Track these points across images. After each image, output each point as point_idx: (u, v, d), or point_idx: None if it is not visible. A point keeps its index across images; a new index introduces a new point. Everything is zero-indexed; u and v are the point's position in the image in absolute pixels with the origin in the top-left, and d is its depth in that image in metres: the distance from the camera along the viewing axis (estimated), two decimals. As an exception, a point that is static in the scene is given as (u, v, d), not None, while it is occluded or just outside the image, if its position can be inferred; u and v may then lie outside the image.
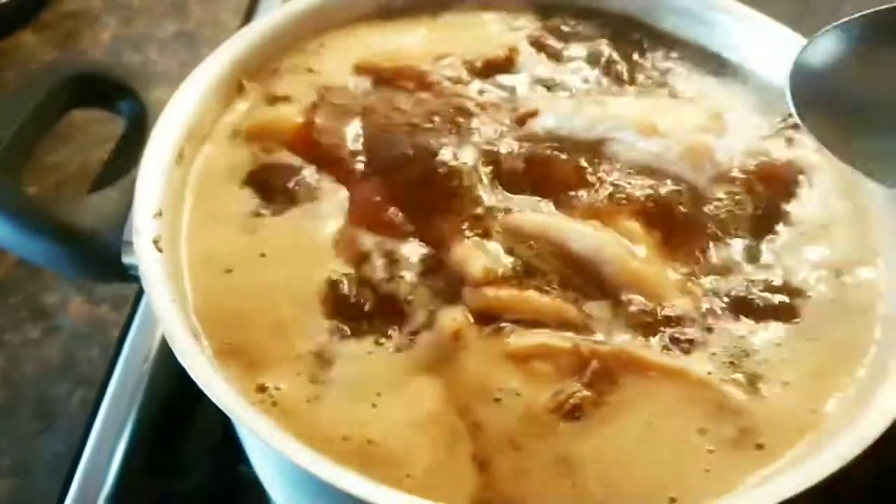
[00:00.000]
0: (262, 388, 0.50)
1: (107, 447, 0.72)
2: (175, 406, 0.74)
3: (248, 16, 1.10)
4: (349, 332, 0.52)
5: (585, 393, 0.50)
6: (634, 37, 0.72)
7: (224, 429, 0.71)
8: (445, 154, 0.59)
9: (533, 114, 0.63)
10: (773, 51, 0.68)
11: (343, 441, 0.47)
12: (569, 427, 0.49)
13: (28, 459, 0.73)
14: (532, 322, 0.53)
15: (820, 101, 0.55)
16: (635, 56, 0.71)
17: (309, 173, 0.60)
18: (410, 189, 0.59)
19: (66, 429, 0.74)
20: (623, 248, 0.55)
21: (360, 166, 0.61)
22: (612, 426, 0.49)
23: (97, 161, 0.92)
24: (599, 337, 0.52)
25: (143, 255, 0.50)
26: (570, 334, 0.52)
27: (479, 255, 0.55)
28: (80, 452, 0.71)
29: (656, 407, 0.50)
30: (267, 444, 0.43)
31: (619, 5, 0.73)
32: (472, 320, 0.52)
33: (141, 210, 0.53)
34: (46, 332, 0.80)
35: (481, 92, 0.66)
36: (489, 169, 0.59)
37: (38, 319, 0.81)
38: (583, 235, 0.55)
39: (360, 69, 0.67)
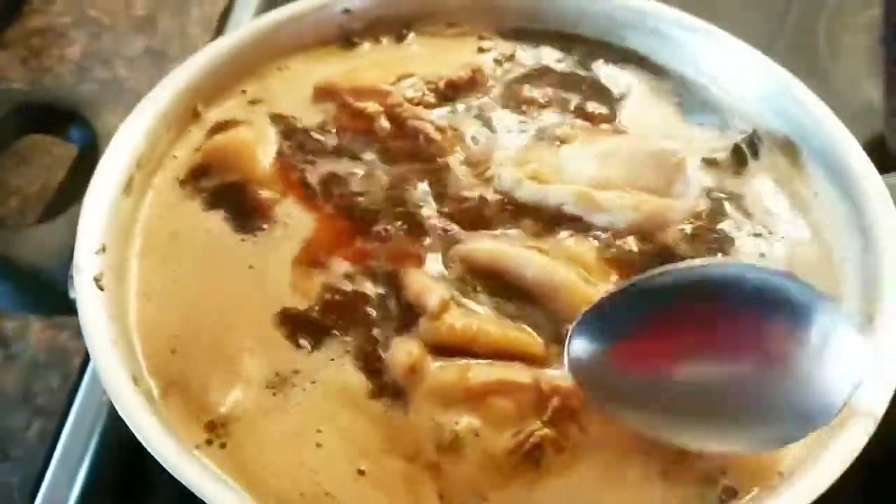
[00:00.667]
0: (210, 427, 0.49)
1: (65, 479, 0.69)
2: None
3: (219, 30, 1.08)
4: (297, 368, 0.51)
5: (546, 432, 0.48)
6: (597, 61, 0.71)
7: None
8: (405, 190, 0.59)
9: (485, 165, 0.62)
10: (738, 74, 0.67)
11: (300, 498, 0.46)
12: (529, 474, 0.47)
13: (-19, 491, 0.71)
14: (492, 354, 0.51)
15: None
16: (597, 81, 0.69)
17: (269, 198, 0.59)
18: (368, 220, 0.57)
19: (23, 460, 0.72)
20: (575, 273, 0.54)
21: (318, 196, 0.59)
22: (573, 473, 0.48)
23: (59, 183, 0.90)
24: (559, 372, 0.50)
25: (83, 295, 0.49)
26: (530, 369, 0.50)
27: (434, 287, 0.53)
28: (38, 485, 0.70)
29: (617, 448, 0.48)
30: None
31: (584, 28, 0.72)
32: (426, 353, 0.51)
33: (83, 246, 0.51)
34: (4, 360, 0.78)
35: (438, 127, 0.64)
36: (446, 209, 0.58)
37: (-4, 347, 0.79)
38: (533, 262, 0.54)
39: (320, 91, 0.65)
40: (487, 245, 0.56)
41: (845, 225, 0.58)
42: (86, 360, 0.77)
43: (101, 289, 0.50)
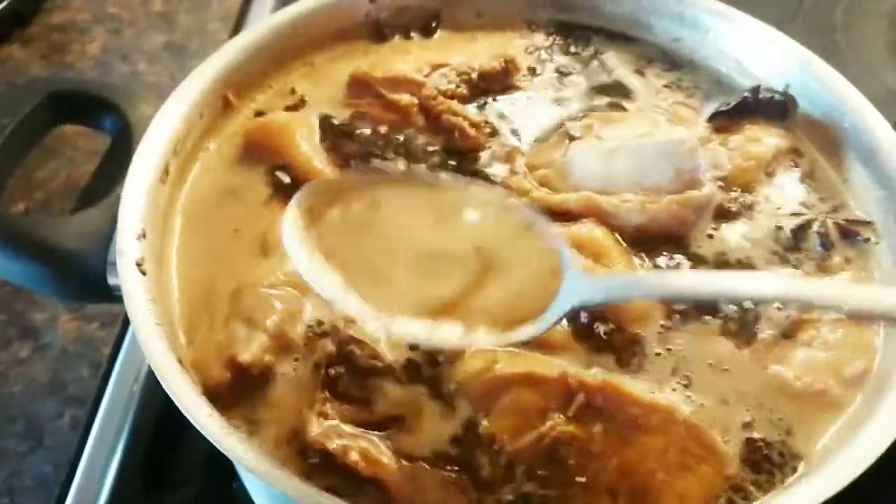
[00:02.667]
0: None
1: (99, 466, 0.71)
2: (167, 423, 0.73)
3: (237, 25, 1.09)
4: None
5: (569, 428, 0.48)
6: (621, 50, 0.71)
7: (216, 444, 0.70)
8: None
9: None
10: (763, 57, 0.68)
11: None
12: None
13: (16, 480, 0.71)
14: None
15: None
16: (619, 70, 0.70)
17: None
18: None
19: (55, 449, 0.73)
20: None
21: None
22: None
23: (85, 175, 0.91)
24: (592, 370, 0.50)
25: (126, 279, 0.49)
26: (558, 360, 0.50)
27: None
28: (73, 473, 0.70)
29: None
30: (255, 475, 0.42)
31: (612, 16, 0.72)
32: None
33: (124, 231, 0.51)
34: (34, 351, 0.79)
35: (473, 123, 0.64)
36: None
37: (26, 337, 0.80)
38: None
39: (354, 81, 0.66)
40: None
41: (878, 208, 0.58)
42: (115, 349, 0.78)
43: (144, 273, 0.50)
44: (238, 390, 0.49)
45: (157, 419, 0.73)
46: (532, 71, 0.69)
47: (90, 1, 1.12)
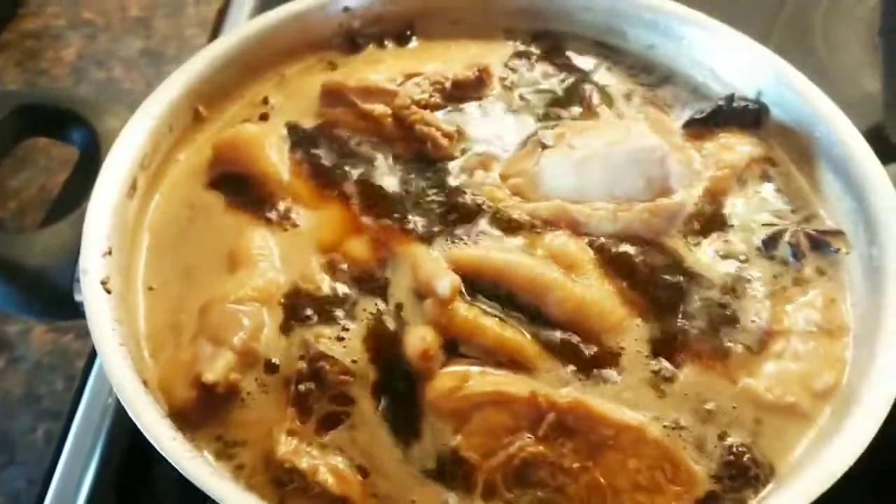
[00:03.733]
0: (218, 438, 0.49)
1: (73, 481, 0.69)
2: (142, 437, 0.72)
3: (215, 31, 1.08)
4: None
5: (537, 448, 0.47)
6: (597, 59, 0.71)
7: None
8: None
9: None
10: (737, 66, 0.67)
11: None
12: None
13: (-10, 495, 0.71)
14: (486, 351, 0.51)
15: None
16: (593, 78, 0.69)
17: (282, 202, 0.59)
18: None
19: (28, 464, 0.72)
20: (563, 274, 0.54)
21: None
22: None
23: (59, 185, 0.90)
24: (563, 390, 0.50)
25: (90, 298, 0.49)
26: (529, 381, 0.50)
27: (446, 273, 0.53)
28: (46, 488, 0.69)
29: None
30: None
31: (587, 25, 0.72)
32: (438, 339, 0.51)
33: (88, 249, 0.51)
34: (8, 364, 0.78)
35: (445, 133, 0.63)
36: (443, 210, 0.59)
37: (-1, 350, 0.79)
38: (521, 266, 0.54)
39: (326, 91, 0.65)
40: (476, 251, 0.55)
41: (849, 219, 0.58)
42: (90, 361, 0.77)
43: (109, 291, 0.50)
44: (206, 409, 0.48)
45: (132, 433, 0.73)
46: (505, 79, 0.68)
47: (65, 6, 1.11)
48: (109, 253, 0.52)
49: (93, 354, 0.78)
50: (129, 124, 0.58)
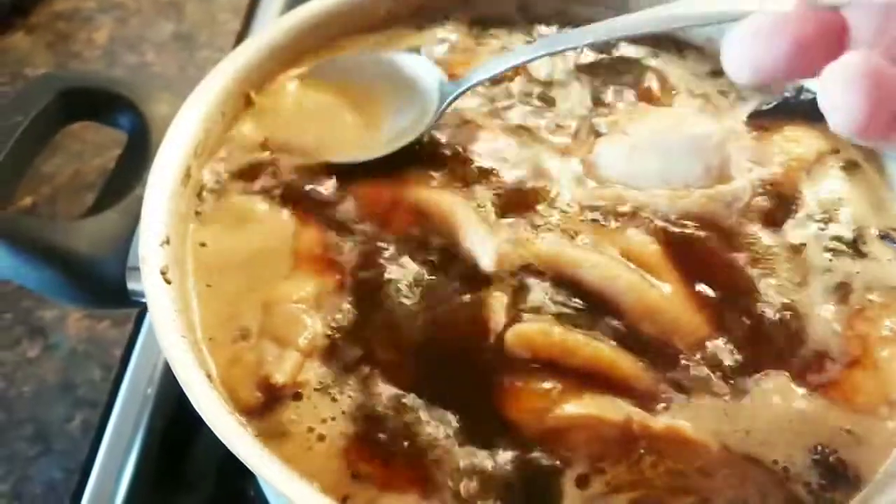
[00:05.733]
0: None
1: (113, 471, 0.69)
2: (180, 425, 0.72)
3: (248, 16, 1.07)
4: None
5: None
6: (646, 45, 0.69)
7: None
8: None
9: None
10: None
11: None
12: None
13: (24, 486, 0.69)
14: (578, 377, 0.48)
15: None
16: (642, 65, 0.68)
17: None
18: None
19: (65, 453, 0.71)
20: (639, 276, 0.52)
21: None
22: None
23: (92, 169, 0.89)
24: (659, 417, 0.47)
25: (151, 288, 0.47)
26: (622, 402, 0.47)
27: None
28: (84, 479, 0.69)
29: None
30: (277, 490, 0.41)
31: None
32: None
33: (148, 238, 0.49)
34: (43, 351, 0.77)
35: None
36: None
37: (34, 337, 0.78)
38: (596, 265, 0.52)
39: None
40: (552, 245, 0.53)
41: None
42: (127, 350, 0.76)
43: (169, 282, 0.48)
44: (269, 409, 0.47)
45: (171, 422, 0.72)
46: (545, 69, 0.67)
47: (95, -12, 1.10)
48: (168, 242, 0.50)
49: (130, 343, 0.77)
50: (182, 110, 0.56)
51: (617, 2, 0.68)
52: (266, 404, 0.46)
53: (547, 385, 0.47)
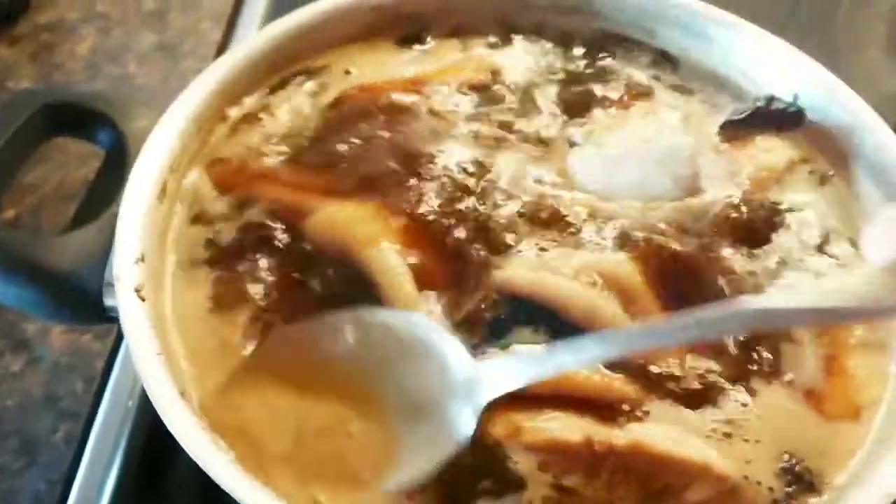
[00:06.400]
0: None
1: (95, 482, 0.69)
2: (162, 437, 0.72)
3: (230, 25, 1.07)
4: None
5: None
6: (619, 57, 0.70)
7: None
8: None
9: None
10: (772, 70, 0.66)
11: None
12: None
13: (10, 498, 0.70)
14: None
15: None
16: (617, 77, 0.68)
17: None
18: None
19: (49, 464, 0.71)
20: (618, 309, 0.52)
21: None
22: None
23: (76, 180, 0.89)
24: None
25: (126, 307, 0.48)
26: (586, 421, 0.47)
27: None
28: (67, 490, 0.69)
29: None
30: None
31: (612, 22, 0.71)
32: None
33: (122, 255, 0.50)
34: (27, 364, 0.77)
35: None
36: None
37: (18, 350, 0.78)
38: (578, 298, 0.51)
39: (339, 102, 0.64)
40: (528, 273, 0.53)
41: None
42: (109, 362, 0.76)
43: (143, 299, 0.49)
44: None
45: (153, 433, 0.72)
46: (522, 79, 0.67)
47: (79, -1, 1.10)
48: (142, 259, 0.51)
49: (112, 355, 0.77)
50: (159, 125, 0.57)
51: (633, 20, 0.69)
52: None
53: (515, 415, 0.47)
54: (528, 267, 0.53)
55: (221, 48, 1.04)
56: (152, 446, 0.71)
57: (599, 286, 0.52)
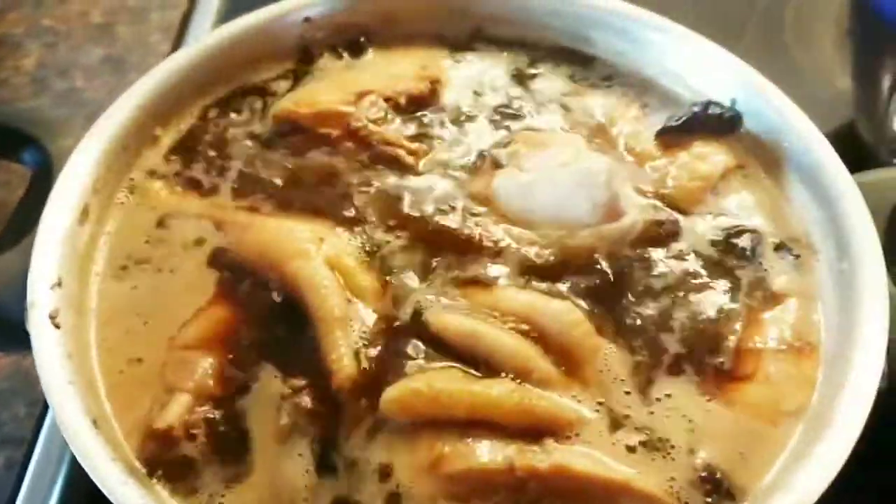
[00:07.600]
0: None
1: (36, 508, 0.68)
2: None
3: (179, 37, 1.06)
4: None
5: None
6: (557, 66, 0.70)
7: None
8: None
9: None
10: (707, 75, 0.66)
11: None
12: None
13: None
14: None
15: None
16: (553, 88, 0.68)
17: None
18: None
19: (-11, 492, 0.70)
20: (545, 360, 0.51)
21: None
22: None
23: (14, 202, 0.87)
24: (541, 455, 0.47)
25: (38, 334, 0.46)
26: (510, 449, 0.46)
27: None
28: (7, 515, 0.68)
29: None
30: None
31: (550, 31, 0.71)
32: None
33: (37, 281, 0.49)
34: (-33, 389, 0.76)
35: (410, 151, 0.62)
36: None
37: (-43, 375, 0.77)
38: (504, 345, 0.50)
39: (278, 120, 0.63)
40: (461, 320, 0.52)
41: (819, 228, 0.57)
42: (52, 385, 0.75)
43: (58, 326, 0.48)
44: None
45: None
46: (458, 91, 0.67)
47: (24, 13, 1.08)
48: (59, 284, 0.50)
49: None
50: (80, 145, 0.56)
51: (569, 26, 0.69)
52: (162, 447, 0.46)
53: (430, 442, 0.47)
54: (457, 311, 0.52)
55: (169, 61, 1.02)
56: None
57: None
